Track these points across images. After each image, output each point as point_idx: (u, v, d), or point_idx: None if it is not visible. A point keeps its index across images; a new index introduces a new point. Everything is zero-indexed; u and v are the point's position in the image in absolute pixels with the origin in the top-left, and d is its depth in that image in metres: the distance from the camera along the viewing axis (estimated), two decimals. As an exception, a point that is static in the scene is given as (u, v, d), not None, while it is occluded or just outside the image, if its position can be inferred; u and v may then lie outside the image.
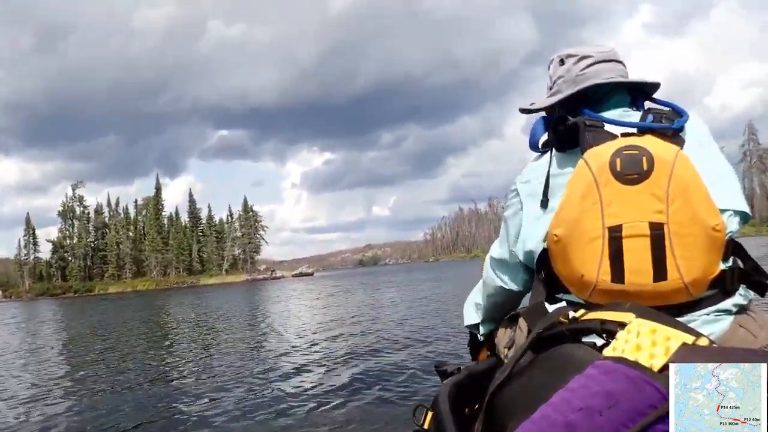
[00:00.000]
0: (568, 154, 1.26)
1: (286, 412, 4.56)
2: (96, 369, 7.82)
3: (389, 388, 5.18)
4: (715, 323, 1.13)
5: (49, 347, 11.58)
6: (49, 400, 5.74)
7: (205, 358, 7.83)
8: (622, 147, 1.14)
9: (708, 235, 1.09)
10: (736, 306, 1.15)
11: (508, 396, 1.04)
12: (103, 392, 6.07)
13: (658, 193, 1.09)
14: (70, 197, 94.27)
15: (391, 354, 7.07)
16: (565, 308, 1.09)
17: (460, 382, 1.37)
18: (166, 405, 5.20)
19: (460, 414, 1.30)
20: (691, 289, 1.11)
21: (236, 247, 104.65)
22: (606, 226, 1.12)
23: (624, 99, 1.37)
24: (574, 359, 0.94)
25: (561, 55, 1.44)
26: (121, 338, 12.45)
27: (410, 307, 13.61)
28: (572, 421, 0.79)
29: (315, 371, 6.20)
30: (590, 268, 1.14)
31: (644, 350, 0.83)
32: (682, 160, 1.11)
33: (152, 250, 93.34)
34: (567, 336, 1.01)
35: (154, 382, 6.52)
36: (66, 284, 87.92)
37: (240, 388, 5.60)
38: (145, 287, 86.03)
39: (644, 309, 0.95)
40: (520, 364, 1.04)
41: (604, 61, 1.38)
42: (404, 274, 42.53)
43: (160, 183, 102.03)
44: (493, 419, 1.06)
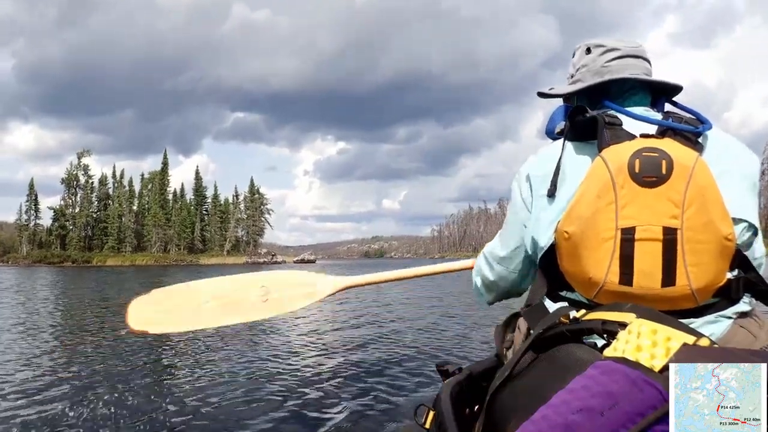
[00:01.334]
0: (582, 145, 1.25)
1: (283, 410, 4.56)
2: (87, 346, 7.88)
3: (390, 387, 5.19)
4: (715, 324, 1.15)
5: (39, 316, 11.66)
6: (38, 375, 5.78)
7: (198, 347, 7.87)
8: (641, 148, 1.13)
9: (720, 243, 1.09)
10: (738, 313, 1.17)
11: (509, 396, 1.05)
12: (96, 368, 6.11)
13: (674, 198, 1.09)
14: (75, 165, 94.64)
15: (391, 353, 7.08)
16: (566, 308, 1.09)
17: (461, 382, 1.38)
18: (157, 392, 5.23)
19: (461, 414, 1.30)
20: (697, 296, 1.12)
21: (239, 229, 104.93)
22: (619, 227, 1.12)
23: (645, 98, 1.36)
24: (574, 359, 0.94)
25: (588, 43, 1.43)
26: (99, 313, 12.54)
27: (411, 305, 13.62)
28: (573, 421, 0.80)
29: (313, 369, 6.21)
30: (599, 268, 1.14)
31: (645, 351, 0.84)
32: (701, 166, 1.10)
33: (154, 225, 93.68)
34: (568, 336, 1.01)
35: (142, 367, 6.57)
36: (64, 253, 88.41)
37: (233, 380, 5.61)
38: (143, 262, 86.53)
39: (645, 309, 0.95)
40: (521, 365, 1.05)
41: (630, 56, 1.37)
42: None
43: (167, 158, 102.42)
44: (493, 419, 1.06)
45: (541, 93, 1.49)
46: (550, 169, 1.27)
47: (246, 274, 2.32)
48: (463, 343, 7.56)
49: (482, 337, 7.72)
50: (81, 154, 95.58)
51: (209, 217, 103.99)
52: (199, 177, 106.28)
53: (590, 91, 1.38)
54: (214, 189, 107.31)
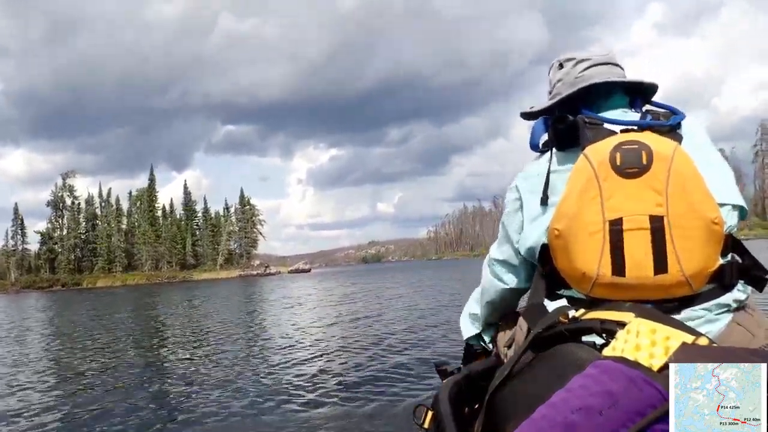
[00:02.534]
0: (568, 152, 1.30)
1: (283, 413, 4.59)
2: (83, 368, 7.83)
3: (389, 388, 5.22)
4: (713, 323, 1.17)
5: (30, 345, 11.58)
6: (34, 400, 5.75)
7: (193, 359, 7.84)
8: (621, 142, 1.18)
9: (707, 228, 1.13)
10: (736, 301, 1.19)
11: (508, 396, 1.06)
12: (91, 391, 6.07)
13: (657, 187, 1.13)
14: (60, 187, 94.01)
15: (390, 353, 7.11)
16: (565, 307, 1.11)
17: (460, 382, 1.39)
18: (156, 405, 5.21)
19: (460, 413, 1.32)
20: (691, 282, 1.14)
21: (232, 242, 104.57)
22: (606, 219, 1.15)
23: (622, 100, 1.42)
24: (573, 359, 0.96)
25: (560, 59, 1.51)
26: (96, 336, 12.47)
27: (409, 306, 13.64)
28: (572, 421, 0.81)
29: (312, 372, 6.23)
30: (591, 262, 1.17)
31: (644, 350, 0.85)
32: (680, 155, 1.15)
33: (143, 242, 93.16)
34: (567, 335, 1.03)
35: (143, 383, 6.55)
36: (54, 277, 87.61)
37: (232, 388, 5.62)
38: (135, 281, 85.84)
39: (644, 308, 0.97)
40: (520, 364, 1.07)
41: (602, 64, 1.43)
42: (404, 273, 42.57)
43: (154, 174, 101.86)
44: (492, 419, 1.08)
45: (524, 113, 1.56)
46: (538, 182, 1.32)
47: None
48: (462, 343, 7.55)
49: None
50: (66, 175, 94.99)
51: (201, 231, 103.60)
52: (187, 192, 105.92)
53: (568, 102, 1.42)
54: (203, 203, 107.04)
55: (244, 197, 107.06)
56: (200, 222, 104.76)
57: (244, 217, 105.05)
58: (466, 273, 25.85)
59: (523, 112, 1.56)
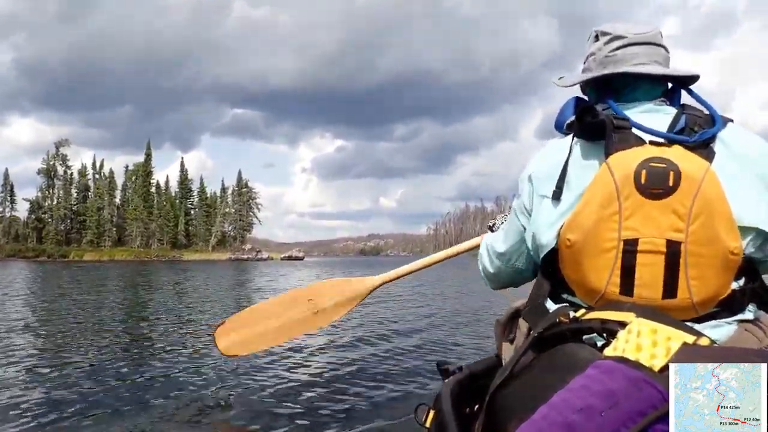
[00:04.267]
0: (589, 146, 1.25)
1: (280, 410, 4.57)
2: (63, 344, 7.84)
3: (389, 387, 5.22)
4: (717, 329, 1.16)
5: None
6: (12, 378, 5.75)
7: (191, 343, 7.85)
8: (649, 158, 1.13)
9: (725, 257, 1.11)
10: (742, 321, 1.18)
11: (509, 396, 1.07)
12: (74, 369, 6.07)
13: (680, 211, 1.10)
14: (52, 155, 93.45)
15: (391, 351, 7.10)
16: (566, 308, 1.12)
17: (461, 381, 1.40)
18: (134, 392, 5.20)
19: (462, 413, 1.33)
20: (698, 308, 1.14)
21: (226, 224, 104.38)
22: (622, 238, 1.14)
23: (655, 89, 1.34)
24: (574, 359, 0.97)
25: (597, 30, 1.41)
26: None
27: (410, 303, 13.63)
28: (573, 421, 0.82)
29: (310, 368, 6.22)
30: (600, 278, 1.17)
31: (645, 350, 0.86)
32: (710, 178, 1.11)
33: (134, 218, 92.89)
34: (568, 336, 1.04)
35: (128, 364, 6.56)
36: (40, 247, 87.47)
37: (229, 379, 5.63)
38: (122, 257, 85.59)
39: (645, 309, 0.98)
40: (521, 364, 1.08)
41: (639, 44, 1.33)
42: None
43: (150, 149, 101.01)
44: (493, 419, 1.09)
45: (554, 82, 1.50)
46: (554, 170, 1.28)
47: (294, 291, 2.68)
48: (463, 342, 7.61)
49: (483, 337, 7.77)
50: (59, 144, 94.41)
51: (196, 211, 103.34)
52: (184, 169, 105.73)
53: (596, 82, 1.38)
54: (200, 182, 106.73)
55: (242, 179, 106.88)
56: (195, 201, 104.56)
57: (241, 199, 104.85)
58: (466, 269, 25.90)
59: (554, 81, 1.50)
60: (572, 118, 1.32)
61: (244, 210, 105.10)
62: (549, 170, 1.30)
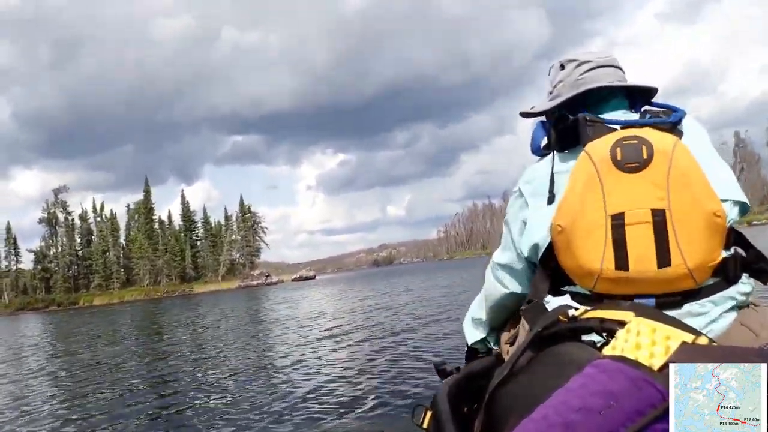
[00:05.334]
0: (570, 152, 1.34)
1: (280, 411, 4.66)
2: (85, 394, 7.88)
3: (388, 388, 5.28)
4: (717, 321, 1.19)
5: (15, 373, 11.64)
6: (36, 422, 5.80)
7: (195, 367, 7.88)
8: (622, 138, 1.22)
9: (709, 220, 1.16)
10: (741, 294, 1.22)
11: (508, 395, 1.08)
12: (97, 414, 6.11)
13: (658, 181, 1.17)
14: (52, 203, 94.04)
15: (389, 353, 7.19)
16: (565, 306, 1.14)
17: (459, 382, 1.43)
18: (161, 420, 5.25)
19: (459, 413, 1.35)
20: (695, 275, 1.17)
21: (234, 251, 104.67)
22: (608, 214, 1.19)
23: (622, 103, 1.46)
24: (573, 358, 0.98)
25: (561, 60, 1.55)
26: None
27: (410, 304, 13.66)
28: (571, 420, 0.82)
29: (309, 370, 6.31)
30: (594, 257, 1.21)
31: (644, 349, 0.86)
32: (680, 149, 1.19)
33: (140, 256, 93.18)
34: (566, 334, 1.05)
35: (147, 399, 6.59)
36: (48, 297, 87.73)
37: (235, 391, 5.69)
38: (133, 297, 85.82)
39: (644, 308, 0.99)
40: (520, 363, 1.09)
41: (603, 66, 1.48)
42: (410, 276, 42.58)
43: (149, 186, 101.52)
44: (492, 418, 1.11)
45: (524, 113, 1.60)
46: (542, 180, 1.37)
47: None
48: (461, 342, 7.62)
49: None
50: (58, 191, 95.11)
51: (201, 242, 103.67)
52: (185, 202, 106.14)
53: (570, 104, 1.46)
54: (203, 212, 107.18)
55: (244, 205, 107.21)
56: (200, 233, 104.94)
57: (245, 225, 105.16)
58: (473, 269, 25.85)
59: (522, 112, 1.61)
60: (545, 140, 1.44)
61: (249, 235, 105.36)
62: (538, 182, 1.39)
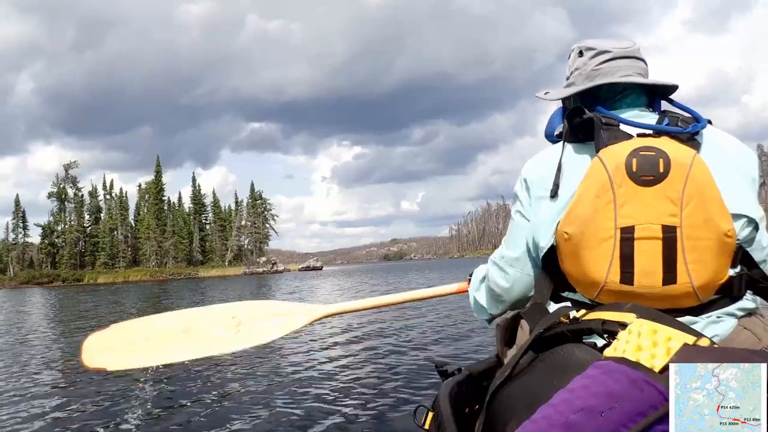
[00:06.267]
0: (581, 145, 1.31)
1: (280, 412, 4.68)
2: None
3: (389, 389, 5.28)
4: (718, 324, 1.19)
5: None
6: (33, 401, 5.85)
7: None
8: (638, 147, 1.19)
9: (720, 240, 1.15)
10: (743, 310, 1.21)
11: (509, 396, 1.09)
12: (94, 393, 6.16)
13: (672, 196, 1.15)
14: (62, 178, 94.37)
15: (390, 354, 7.19)
16: (567, 308, 1.15)
17: (460, 383, 1.43)
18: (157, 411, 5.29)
19: (461, 414, 1.36)
20: (699, 294, 1.17)
21: (242, 237, 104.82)
22: (618, 226, 1.18)
23: (640, 99, 1.42)
24: (575, 359, 0.99)
25: (581, 45, 1.50)
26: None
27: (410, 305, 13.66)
28: (573, 421, 0.84)
29: (310, 370, 6.32)
30: (600, 269, 1.20)
31: (645, 351, 0.88)
32: (698, 164, 1.17)
33: (147, 237, 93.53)
34: (568, 336, 1.07)
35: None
36: (54, 272, 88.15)
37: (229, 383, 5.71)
38: (137, 278, 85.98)
39: (645, 309, 1.00)
40: (521, 364, 1.10)
41: (622, 58, 1.42)
42: (418, 272, 42.54)
43: (160, 166, 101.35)
44: (493, 419, 1.12)
45: (538, 97, 1.57)
46: (547, 171, 1.34)
47: (217, 305, 2.31)
48: (463, 343, 7.70)
49: (482, 337, 7.80)
50: (68, 166, 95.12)
51: (210, 226, 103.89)
52: (196, 185, 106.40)
53: (583, 95, 1.44)
54: (213, 196, 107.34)
55: (255, 191, 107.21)
56: (210, 216, 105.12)
57: (255, 211, 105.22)
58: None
59: (537, 95, 1.58)
60: (560, 129, 1.41)
61: (259, 222, 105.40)
62: (543, 173, 1.36)
